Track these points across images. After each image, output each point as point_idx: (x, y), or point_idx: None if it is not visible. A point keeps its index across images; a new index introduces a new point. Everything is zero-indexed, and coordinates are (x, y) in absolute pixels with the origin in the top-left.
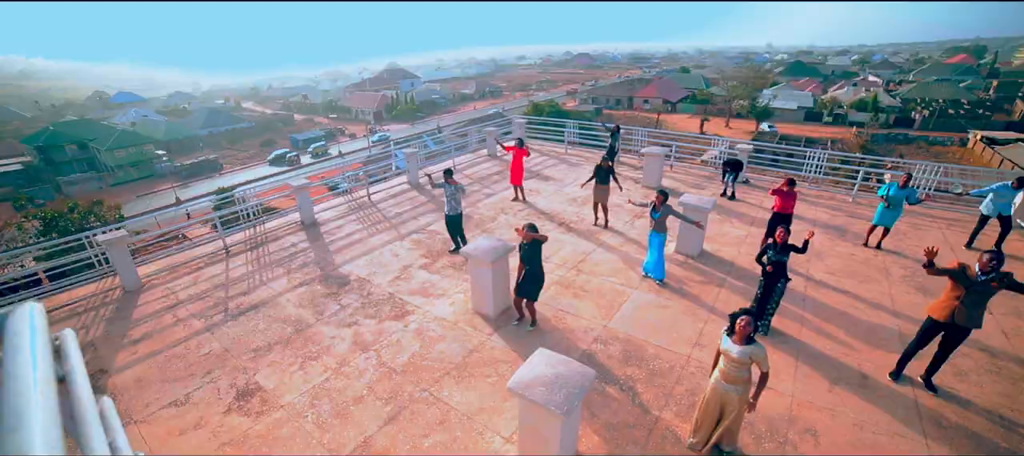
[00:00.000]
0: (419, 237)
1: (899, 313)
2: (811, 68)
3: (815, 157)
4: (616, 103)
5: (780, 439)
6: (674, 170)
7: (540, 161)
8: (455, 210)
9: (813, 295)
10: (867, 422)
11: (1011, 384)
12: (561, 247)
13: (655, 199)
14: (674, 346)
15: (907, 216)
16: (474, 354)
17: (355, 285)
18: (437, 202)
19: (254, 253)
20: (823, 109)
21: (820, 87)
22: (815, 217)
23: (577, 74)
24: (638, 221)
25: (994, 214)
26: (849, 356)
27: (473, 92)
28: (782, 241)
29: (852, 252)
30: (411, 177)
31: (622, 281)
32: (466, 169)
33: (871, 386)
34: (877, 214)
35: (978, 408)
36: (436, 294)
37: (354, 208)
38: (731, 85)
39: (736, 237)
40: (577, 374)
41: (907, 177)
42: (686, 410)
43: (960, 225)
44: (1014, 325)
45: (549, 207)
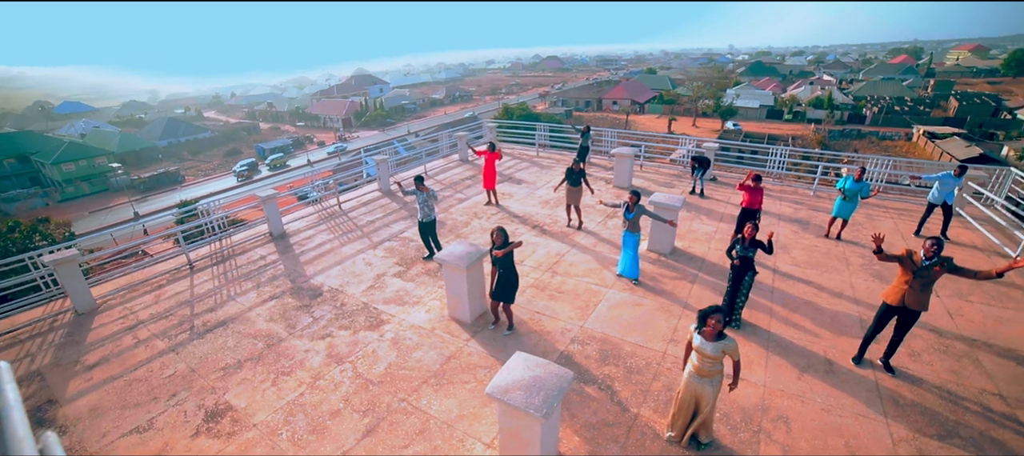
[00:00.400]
0: (392, 245)
1: (859, 300)
2: (770, 68)
3: (778, 154)
4: (586, 105)
5: (754, 428)
6: (644, 170)
7: (512, 164)
8: (428, 216)
9: (780, 287)
10: (834, 406)
11: (956, 361)
12: (535, 250)
13: (628, 199)
14: (650, 343)
15: (863, 207)
16: (452, 361)
17: (328, 296)
18: (409, 209)
19: (220, 267)
20: (783, 107)
21: (779, 86)
22: (780, 211)
23: (546, 77)
24: (611, 221)
25: (939, 202)
26: (815, 344)
27: (443, 97)
28: (750, 237)
29: (815, 244)
30: (382, 184)
31: (597, 281)
32: (438, 174)
33: (836, 371)
34: (836, 206)
35: (930, 385)
36: (411, 302)
37: (325, 217)
38: (696, 85)
39: (706, 233)
40: (555, 376)
41: (861, 170)
42: (664, 406)
43: (909, 214)
44: (957, 306)
45: (522, 210)
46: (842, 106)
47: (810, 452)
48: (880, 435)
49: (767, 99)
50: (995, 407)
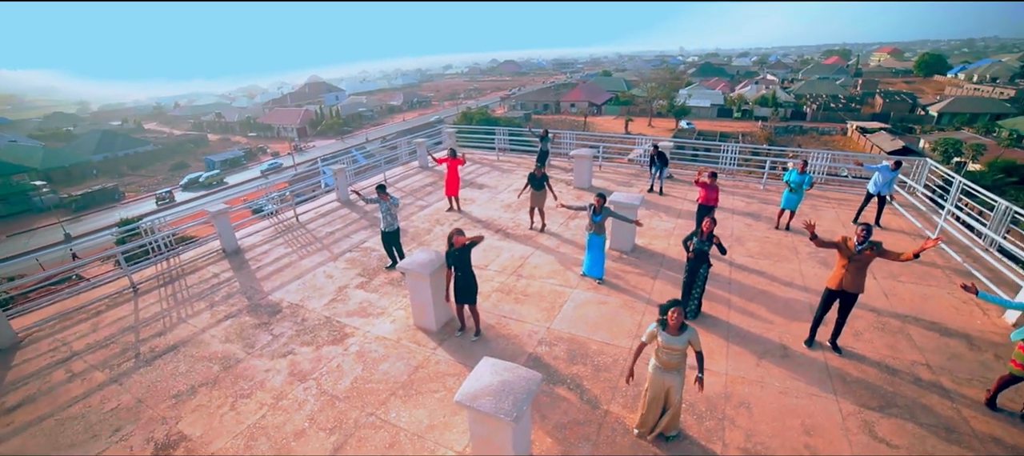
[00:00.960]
0: (353, 256)
1: (808, 287)
2: (719, 69)
3: (729, 151)
4: (544, 108)
5: (718, 416)
6: (603, 170)
7: (472, 169)
8: (391, 226)
9: (736, 278)
10: (790, 389)
11: (892, 337)
12: (499, 254)
13: (595, 201)
14: (616, 340)
15: (808, 199)
16: (420, 371)
17: (288, 312)
18: (370, 218)
19: (169, 288)
20: (732, 106)
21: (728, 86)
22: (733, 206)
23: (504, 81)
24: (573, 222)
25: (877, 192)
26: (771, 331)
27: (401, 103)
28: (709, 230)
29: (767, 235)
30: (341, 194)
31: (561, 282)
32: (398, 182)
33: (791, 355)
34: (783, 199)
35: (871, 361)
36: (375, 313)
37: (281, 231)
38: (650, 86)
39: (665, 230)
40: (523, 379)
41: (804, 163)
42: (632, 401)
43: (849, 204)
44: (891, 286)
45: (485, 215)
46: (785, 104)
47: (770, 434)
48: (831, 412)
49: (717, 98)
50: (924, 376)
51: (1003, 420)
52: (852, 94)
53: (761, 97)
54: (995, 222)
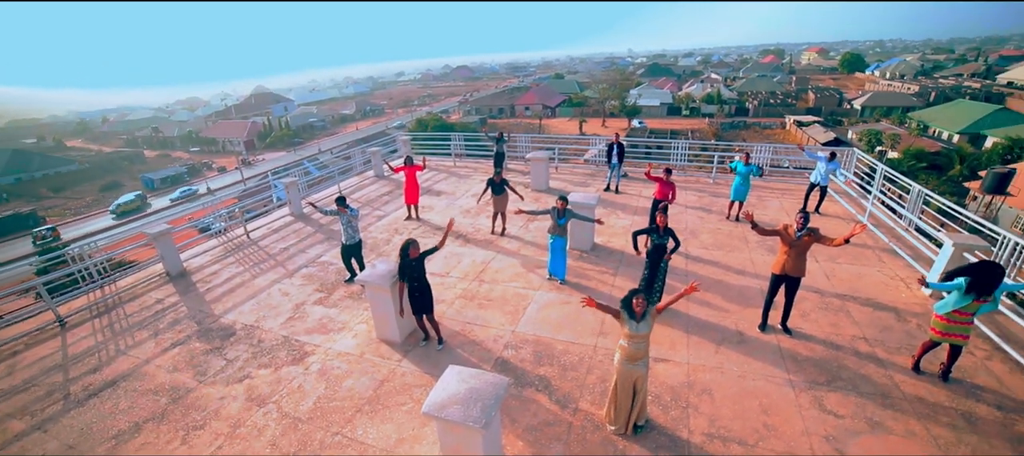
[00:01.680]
0: (310, 271)
1: (759, 274)
2: (666, 69)
3: (680, 147)
4: (499, 112)
5: (683, 404)
6: (559, 171)
7: (429, 176)
8: (352, 238)
9: (693, 270)
10: (747, 372)
11: (834, 315)
12: (461, 260)
13: (558, 205)
14: (581, 339)
15: (754, 190)
16: (385, 384)
17: (242, 334)
18: (326, 231)
19: (104, 319)
20: (681, 104)
21: (676, 85)
22: (686, 201)
23: (458, 86)
24: (533, 224)
25: (819, 182)
26: (727, 318)
27: (353, 112)
28: (663, 225)
29: (718, 227)
30: (294, 208)
31: (524, 284)
32: (354, 193)
33: (746, 340)
34: (732, 191)
35: (818, 340)
36: (336, 329)
37: (231, 249)
38: (602, 87)
39: (623, 227)
40: (490, 385)
41: (747, 155)
42: (600, 397)
43: (792, 194)
44: (830, 268)
45: (444, 222)
46: (729, 101)
47: (732, 417)
48: (785, 390)
49: (666, 97)
50: (863, 350)
51: (926, 381)
52: (788, 90)
53: (707, 95)
54: (912, 204)
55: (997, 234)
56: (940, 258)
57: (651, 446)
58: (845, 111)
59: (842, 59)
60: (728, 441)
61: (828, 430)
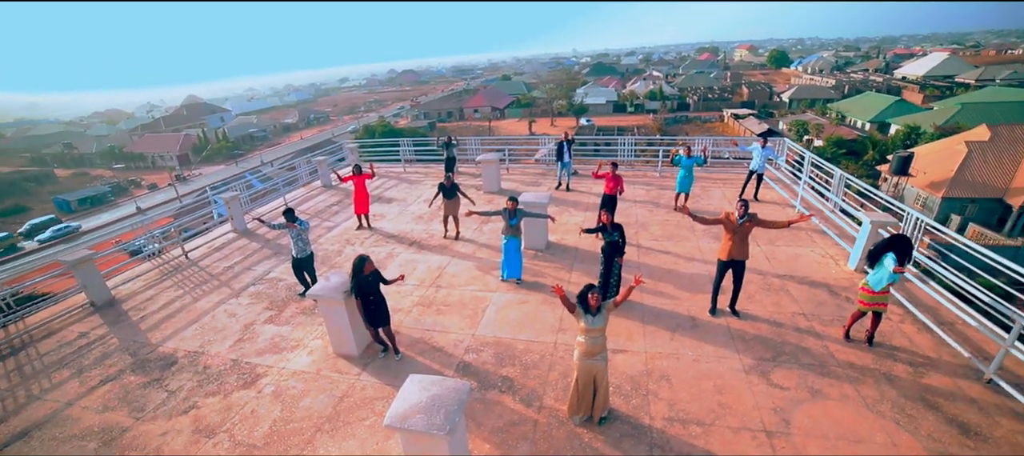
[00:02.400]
0: (258, 289)
1: (707, 261)
2: (610, 68)
3: (627, 143)
4: (448, 115)
5: (643, 392)
6: (511, 172)
7: (380, 183)
8: (303, 251)
9: (645, 261)
10: (701, 356)
11: (775, 294)
12: (416, 267)
13: (508, 205)
14: (540, 337)
15: (698, 181)
16: (345, 400)
17: (185, 362)
18: (273, 246)
19: (11, 361)
20: (626, 102)
21: (620, 83)
22: (634, 195)
23: (405, 91)
24: (487, 226)
25: (757, 169)
26: (680, 306)
27: (297, 121)
28: (609, 222)
29: (667, 218)
30: (236, 224)
31: (481, 287)
32: (301, 204)
33: (698, 325)
34: (677, 183)
35: (762, 319)
36: (290, 347)
37: (168, 272)
38: (549, 87)
39: (576, 224)
40: (452, 390)
41: (688, 148)
42: (563, 393)
43: (733, 183)
44: (771, 251)
45: (396, 229)
46: (671, 97)
47: (689, 400)
48: (736, 369)
49: (611, 95)
50: (802, 325)
51: (855, 347)
52: (724, 85)
53: (650, 92)
54: (835, 187)
55: (904, 211)
56: (861, 235)
57: (615, 435)
58: (775, 104)
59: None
60: (687, 423)
61: (775, 403)
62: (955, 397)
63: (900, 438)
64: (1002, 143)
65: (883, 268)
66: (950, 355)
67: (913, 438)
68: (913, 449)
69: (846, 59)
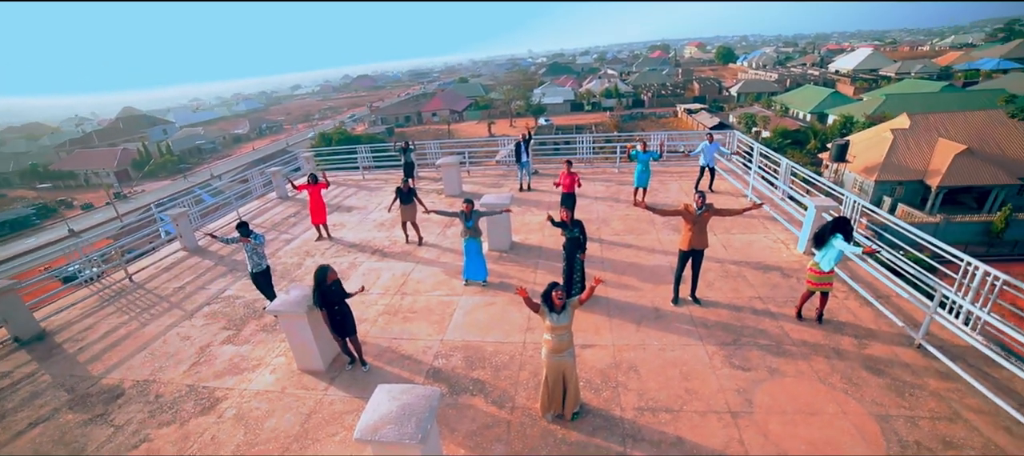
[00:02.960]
0: (214, 308)
1: (667, 252)
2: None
3: (585, 141)
4: (406, 120)
5: (612, 384)
6: (471, 174)
7: (338, 192)
8: (259, 266)
9: (608, 256)
10: (667, 344)
11: (733, 280)
12: (380, 275)
13: (464, 208)
14: (509, 337)
15: (655, 175)
16: (313, 417)
17: (133, 393)
18: (228, 262)
19: None
20: (582, 100)
21: (576, 82)
22: (595, 192)
23: (361, 97)
24: (450, 230)
25: (706, 164)
26: (643, 297)
27: (248, 131)
28: (568, 218)
29: (627, 213)
30: (186, 241)
31: (447, 291)
32: (256, 218)
33: (662, 315)
34: (635, 178)
35: (722, 305)
36: (251, 367)
37: (110, 297)
38: (506, 89)
39: (538, 223)
40: (423, 398)
41: (644, 144)
42: (535, 391)
43: (689, 176)
44: (727, 239)
45: (358, 238)
46: (626, 94)
47: (657, 388)
48: (700, 355)
49: (568, 94)
50: (759, 307)
51: (807, 326)
52: (676, 82)
53: (606, 90)
54: (783, 176)
55: (843, 195)
56: (807, 219)
57: (588, 429)
58: (725, 98)
59: (717, 52)
60: (657, 411)
61: (738, 384)
62: (892, 363)
63: (848, 406)
64: (919, 131)
65: (832, 249)
66: (887, 325)
67: (859, 404)
68: (859, 414)
69: (786, 54)
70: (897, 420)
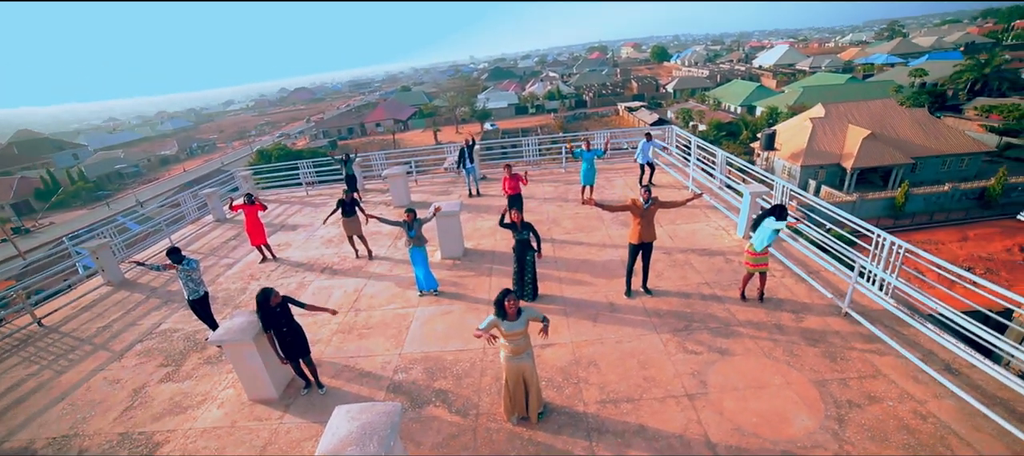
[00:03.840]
0: (148, 345)
1: (618, 246)
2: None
3: (531, 143)
4: (349, 131)
5: (574, 381)
6: (419, 183)
7: (281, 210)
8: (196, 292)
9: (560, 255)
10: (623, 337)
11: (681, 269)
12: (331, 293)
13: (406, 218)
14: (469, 344)
15: (602, 173)
16: (269, 448)
17: (49, 452)
18: (161, 294)
19: None
20: (527, 103)
21: (519, 86)
22: (544, 193)
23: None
24: (400, 241)
25: (645, 161)
26: (598, 293)
27: (176, 151)
28: (519, 220)
29: (576, 211)
30: (110, 275)
31: (402, 304)
32: (192, 244)
33: (617, 308)
34: (582, 176)
35: (672, 293)
36: (195, 403)
37: (12, 347)
38: (450, 95)
39: (490, 228)
40: (383, 415)
41: (587, 142)
42: (498, 396)
43: (634, 173)
44: (672, 230)
45: (305, 256)
46: (569, 96)
47: (618, 380)
48: (655, 343)
49: (512, 98)
50: (706, 292)
51: (751, 306)
52: (616, 81)
53: (549, 92)
54: (719, 166)
55: (774, 181)
56: (743, 205)
57: (553, 427)
58: (662, 95)
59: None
60: (618, 402)
61: (692, 367)
62: (825, 333)
63: (791, 376)
64: (833, 119)
65: (764, 230)
66: (819, 298)
67: (800, 373)
68: (801, 383)
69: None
70: (832, 383)
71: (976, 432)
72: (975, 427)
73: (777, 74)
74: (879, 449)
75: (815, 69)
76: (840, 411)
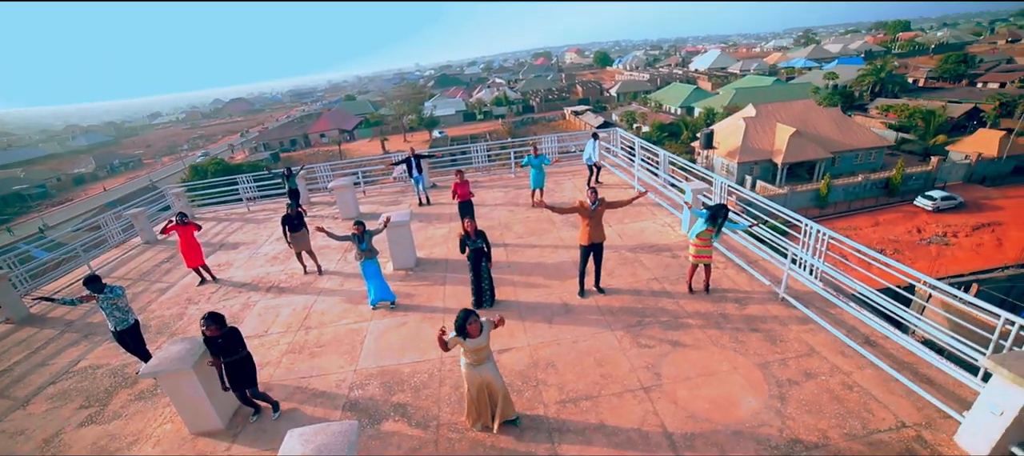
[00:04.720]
0: (63, 386)
1: (569, 247)
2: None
3: (480, 149)
4: (292, 143)
5: (533, 383)
6: (367, 194)
7: (219, 229)
8: (124, 322)
9: (514, 259)
10: (579, 336)
11: (631, 266)
12: (279, 312)
13: (355, 230)
14: (426, 355)
15: (551, 176)
16: None
17: None
18: (80, 327)
19: None
20: (474, 110)
21: (466, 93)
22: (495, 199)
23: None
24: (349, 254)
25: (591, 161)
26: (552, 294)
27: (94, 169)
28: (472, 230)
29: (528, 215)
30: (10, 312)
31: (355, 319)
32: (117, 270)
33: (571, 309)
34: (532, 181)
35: (623, 290)
36: (125, 445)
37: None
38: (397, 104)
39: (442, 236)
40: (338, 434)
41: (535, 147)
42: (458, 404)
43: (582, 175)
44: (621, 229)
45: (250, 276)
46: (516, 101)
47: (575, 379)
48: (610, 341)
49: (460, 105)
50: (656, 288)
51: (698, 298)
52: (561, 86)
53: (496, 98)
54: (662, 166)
55: (714, 178)
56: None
57: (515, 431)
58: (606, 98)
59: (595, 57)
60: (578, 401)
61: (646, 361)
62: (765, 318)
63: (737, 361)
64: (763, 118)
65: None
66: (759, 286)
67: (745, 358)
68: (746, 367)
69: (654, 56)
70: (773, 365)
71: (891, 395)
72: (890, 391)
73: (712, 77)
74: (815, 421)
75: (745, 72)
76: (781, 390)
